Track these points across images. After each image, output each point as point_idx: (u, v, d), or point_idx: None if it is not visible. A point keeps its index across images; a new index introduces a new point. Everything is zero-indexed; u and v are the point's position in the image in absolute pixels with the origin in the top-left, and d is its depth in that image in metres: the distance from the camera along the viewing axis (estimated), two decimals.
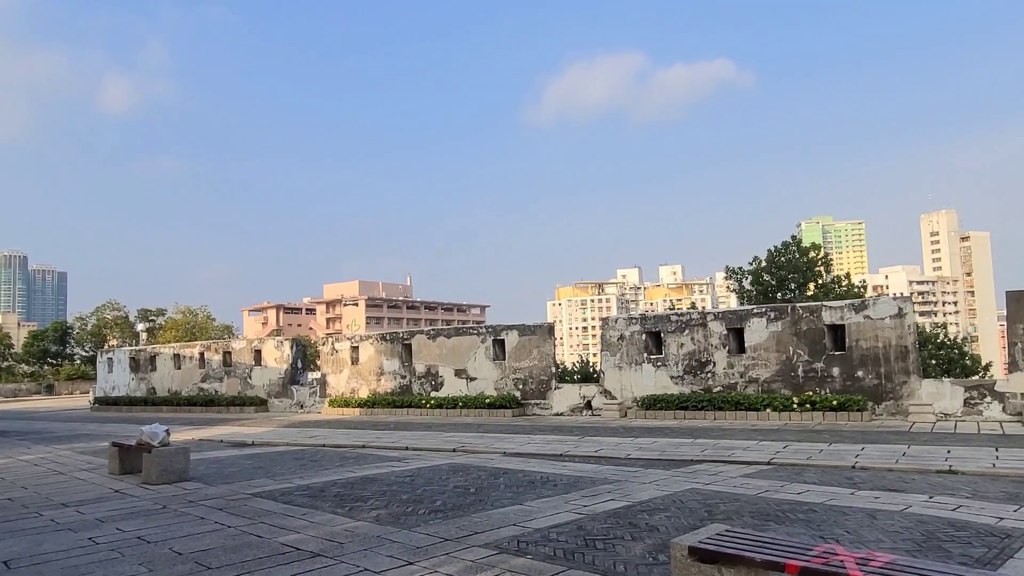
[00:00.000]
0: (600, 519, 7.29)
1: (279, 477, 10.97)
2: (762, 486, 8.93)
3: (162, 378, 30.75)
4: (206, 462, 13.07)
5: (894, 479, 9.23)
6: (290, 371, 26.95)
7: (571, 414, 20.52)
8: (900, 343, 15.91)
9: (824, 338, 16.86)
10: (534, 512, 7.74)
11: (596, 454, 12.36)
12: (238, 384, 28.11)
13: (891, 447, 11.81)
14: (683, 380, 18.78)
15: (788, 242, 34.83)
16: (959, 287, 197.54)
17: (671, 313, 20.05)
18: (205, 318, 71.19)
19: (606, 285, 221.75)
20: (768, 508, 7.59)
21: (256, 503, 8.88)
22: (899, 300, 16.22)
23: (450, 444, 14.35)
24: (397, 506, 8.37)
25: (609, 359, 20.10)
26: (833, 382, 16.59)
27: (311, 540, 6.85)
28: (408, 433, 17.09)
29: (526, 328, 21.94)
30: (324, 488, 9.82)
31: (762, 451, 11.88)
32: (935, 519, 6.89)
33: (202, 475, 11.39)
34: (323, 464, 12.39)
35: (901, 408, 15.81)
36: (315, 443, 15.73)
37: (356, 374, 25.14)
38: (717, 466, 10.71)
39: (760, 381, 17.56)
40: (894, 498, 7.96)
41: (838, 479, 9.35)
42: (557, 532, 6.80)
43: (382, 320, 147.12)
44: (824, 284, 32.37)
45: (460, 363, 22.85)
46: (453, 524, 7.29)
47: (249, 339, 30.08)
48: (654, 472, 10.31)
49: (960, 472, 9.48)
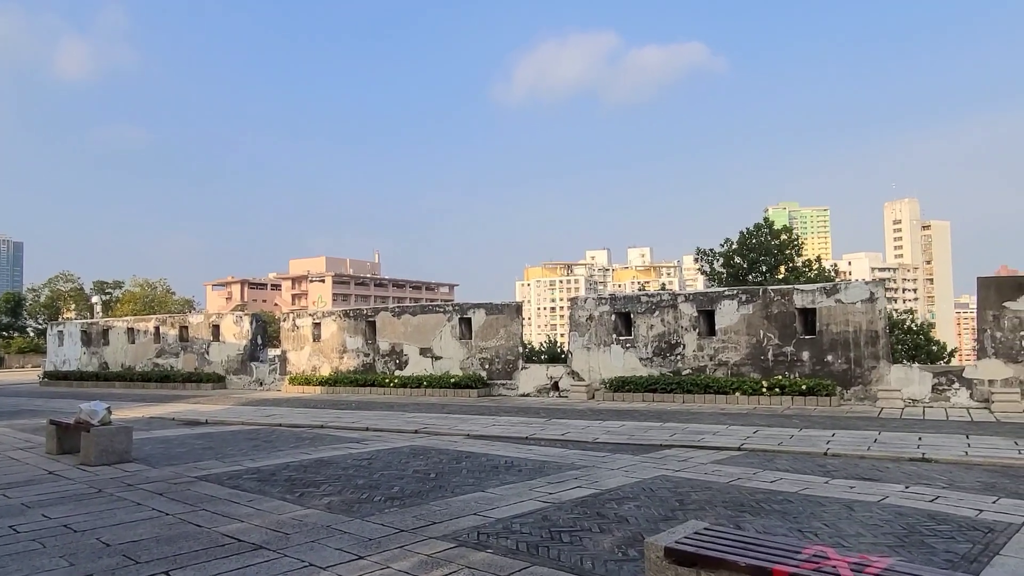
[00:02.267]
0: (566, 508, 6.88)
1: (229, 459, 10.39)
2: (734, 473, 8.61)
3: (115, 353, 29.64)
4: (153, 442, 12.40)
5: (867, 467, 8.99)
6: (249, 347, 26.12)
7: (538, 395, 20.16)
8: (871, 328, 15.78)
9: (795, 322, 16.67)
10: (497, 500, 7.31)
11: (563, 438, 11.98)
12: (195, 360, 27.21)
13: (862, 433, 11.63)
14: (652, 362, 18.49)
15: (760, 224, 34.60)
16: (919, 275, 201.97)
17: (641, 294, 19.72)
18: (164, 291, 69.28)
19: (575, 266, 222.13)
20: (742, 498, 7.25)
21: (200, 487, 8.31)
22: (871, 284, 16.06)
23: (412, 425, 13.86)
24: (351, 492, 7.87)
25: (577, 340, 19.73)
26: (803, 366, 16.43)
27: (255, 530, 6.33)
28: (369, 413, 16.56)
29: (493, 307, 21.46)
30: (275, 471, 9.27)
31: (732, 436, 11.61)
32: (914, 511, 6.61)
33: (146, 456, 10.76)
34: (277, 445, 11.82)
35: (870, 393, 15.71)
36: (271, 422, 15.12)
37: (318, 351, 24.45)
38: (687, 451, 10.40)
39: (730, 364, 17.35)
40: (870, 488, 7.69)
41: (811, 466, 9.08)
42: (520, 523, 6.37)
43: (349, 297, 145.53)
44: (795, 267, 32.35)
45: (425, 341, 22.31)
46: (410, 513, 6.83)
47: (207, 313, 29.13)
48: (622, 457, 9.95)
49: (934, 460, 9.28)
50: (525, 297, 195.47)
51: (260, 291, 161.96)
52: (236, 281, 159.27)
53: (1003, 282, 14.70)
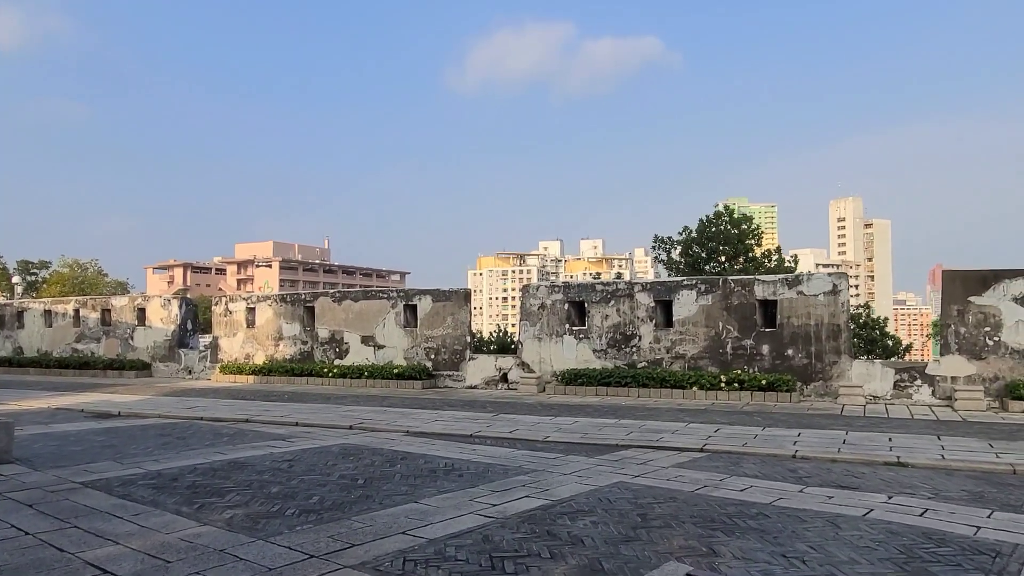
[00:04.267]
0: (511, 526, 5.87)
1: (128, 460, 9.08)
2: (699, 480, 7.74)
3: (31, 337, 27.46)
4: (47, 438, 10.95)
5: (841, 472, 8.22)
6: (178, 332, 24.37)
7: (486, 387, 19.13)
8: (832, 321, 15.18)
9: (755, 314, 15.99)
10: (431, 514, 6.26)
11: (510, 436, 10.97)
12: (118, 345, 25.31)
13: (828, 433, 10.94)
14: (606, 354, 17.64)
15: (720, 212, 34.02)
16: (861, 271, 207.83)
17: (597, 282, 18.83)
18: (96, 273, 65.85)
19: (528, 256, 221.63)
20: (711, 511, 6.35)
21: (82, 496, 7.04)
22: (834, 276, 15.47)
23: (347, 420, 12.68)
24: (261, 503, 6.71)
25: (528, 329, 18.76)
26: (762, 360, 15.78)
27: (128, 556, 5.15)
28: (302, 406, 15.29)
29: (440, 293, 20.32)
30: (178, 476, 8.03)
31: (692, 435, 10.78)
32: (906, 528, 5.80)
33: (33, 455, 9.35)
34: (190, 443, 10.52)
35: (830, 389, 15.14)
36: (191, 415, 13.74)
37: (252, 338, 22.91)
38: (645, 453, 9.51)
39: (687, 357, 16.60)
40: (850, 498, 6.89)
41: (781, 471, 8.27)
42: (456, 545, 5.33)
43: (297, 283, 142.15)
44: (754, 258, 31.92)
45: (368, 329, 21.04)
46: (326, 531, 5.72)
47: (132, 296, 27.15)
48: (576, 459, 8.99)
49: (910, 465, 8.58)
50: (477, 286, 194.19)
51: (204, 275, 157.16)
52: (179, 264, 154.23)
53: (969, 276, 14.24)
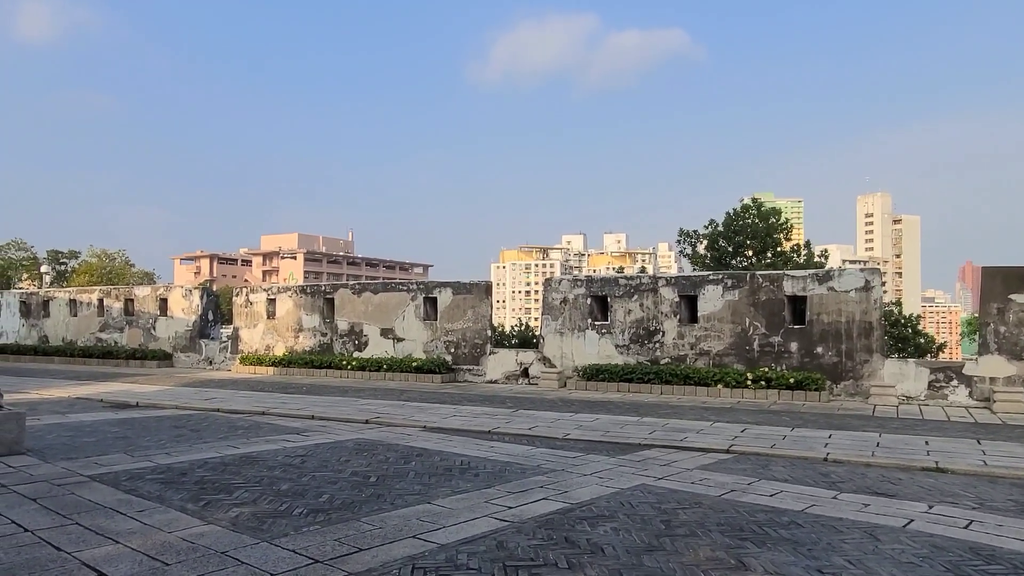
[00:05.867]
0: (528, 531, 5.56)
1: (140, 452, 8.91)
2: (725, 483, 7.37)
3: (56, 326, 27.68)
4: (61, 428, 10.86)
5: (877, 477, 7.80)
6: (199, 323, 24.39)
7: (506, 382, 18.84)
8: (865, 319, 14.65)
9: (784, 310, 15.50)
10: (444, 516, 5.97)
11: (530, 432, 10.67)
12: (140, 335, 25.40)
13: (861, 435, 10.49)
14: (629, 350, 17.25)
15: (748, 205, 33.16)
16: (888, 268, 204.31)
17: (619, 276, 18.41)
18: (123, 263, 66.55)
19: (551, 250, 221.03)
20: (740, 519, 5.99)
21: (88, 491, 6.85)
22: (866, 272, 14.92)
23: (363, 414, 12.46)
24: (269, 501, 6.48)
25: (550, 324, 18.42)
26: (790, 358, 15.29)
27: (126, 556, 4.92)
28: (319, 398, 15.12)
29: (461, 286, 20.04)
30: (188, 470, 7.84)
31: (718, 435, 10.40)
32: (950, 543, 5.40)
33: (45, 446, 9.24)
34: (204, 435, 10.36)
35: (861, 389, 14.63)
36: (208, 407, 13.62)
37: (272, 329, 22.84)
38: (669, 453, 9.15)
39: (712, 354, 16.16)
40: (888, 506, 6.49)
41: (812, 475, 7.88)
42: (469, 552, 5.04)
43: (321, 275, 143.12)
44: (783, 252, 31.07)
45: (387, 322, 20.84)
46: (333, 533, 5.46)
47: (155, 286, 27.24)
48: (596, 459, 8.67)
49: (950, 471, 8.13)
50: (500, 280, 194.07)
51: (231, 266, 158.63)
52: (205, 255, 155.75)
53: (1010, 273, 13.63)
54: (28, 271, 63.85)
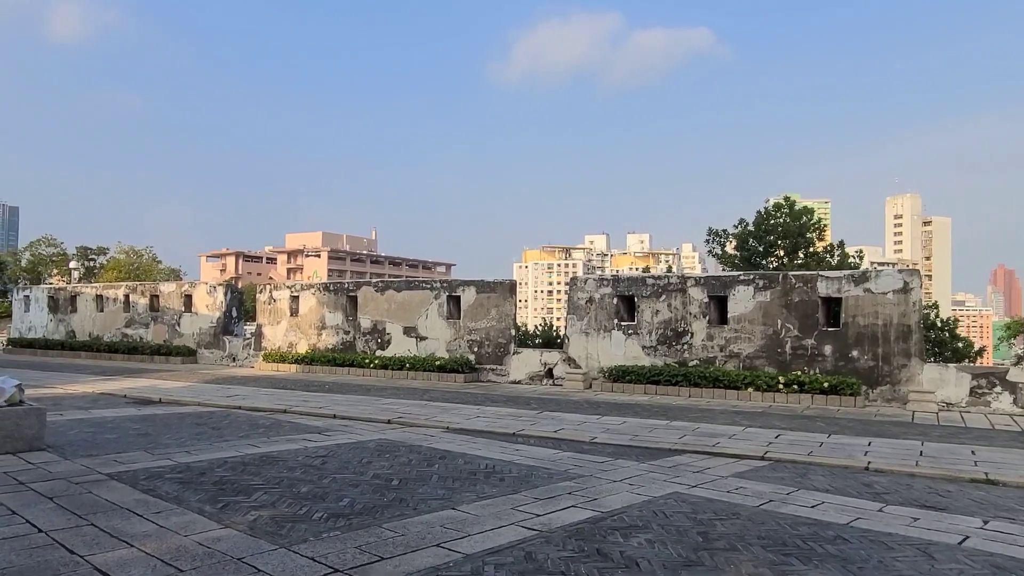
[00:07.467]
0: (557, 541, 5.28)
1: (160, 450, 8.77)
2: (763, 493, 7.03)
3: (82, 321, 27.91)
4: (83, 424, 10.78)
5: (924, 489, 7.40)
6: (223, 320, 24.41)
7: (530, 382, 18.56)
8: (903, 321, 14.15)
9: (817, 312, 15.04)
10: (469, 524, 5.71)
11: (555, 435, 10.38)
12: (165, 331, 25.50)
13: (902, 443, 10.05)
14: (656, 351, 16.88)
15: (779, 203, 32.34)
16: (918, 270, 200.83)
17: (647, 276, 18.03)
18: (150, 260, 67.30)
19: (574, 250, 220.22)
20: (782, 532, 5.66)
21: (105, 490, 6.70)
22: (905, 274, 14.42)
23: (386, 414, 12.26)
24: (288, 504, 6.26)
25: (575, 324, 18.11)
26: (824, 361, 14.82)
27: (140, 561, 4.73)
28: (341, 397, 14.95)
29: (485, 285, 19.79)
30: (207, 470, 7.66)
31: (751, 440, 10.03)
32: (1012, 563, 5.03)
33: (66, 443, 9.14)
34: (224, 434, 10.21)
35: (898, 394, 14.13)
36: (230, 404, 13.51)
37: (295, 326, 22.77)
38: (701, 459, 8.81)
39: (742, 356, 15.73)
40: (939, 521, 6.11)
41: (855, 485, 7.50)
42: (496, 563, 4.77)
43: (345, 273, 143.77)
44: (815, 253, 30.31)
45: (410, 320, 20.66)
46: (353, 540, 5.23)
47: (179, 283, 27.34)
48: (625, 464, 8.36)
49: (1001, 483, 7.71)
50: (522, 279, 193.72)
51: (255, 264, 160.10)
52: (231, 253, 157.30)
53: None
54: (58, 267, 64.85)
